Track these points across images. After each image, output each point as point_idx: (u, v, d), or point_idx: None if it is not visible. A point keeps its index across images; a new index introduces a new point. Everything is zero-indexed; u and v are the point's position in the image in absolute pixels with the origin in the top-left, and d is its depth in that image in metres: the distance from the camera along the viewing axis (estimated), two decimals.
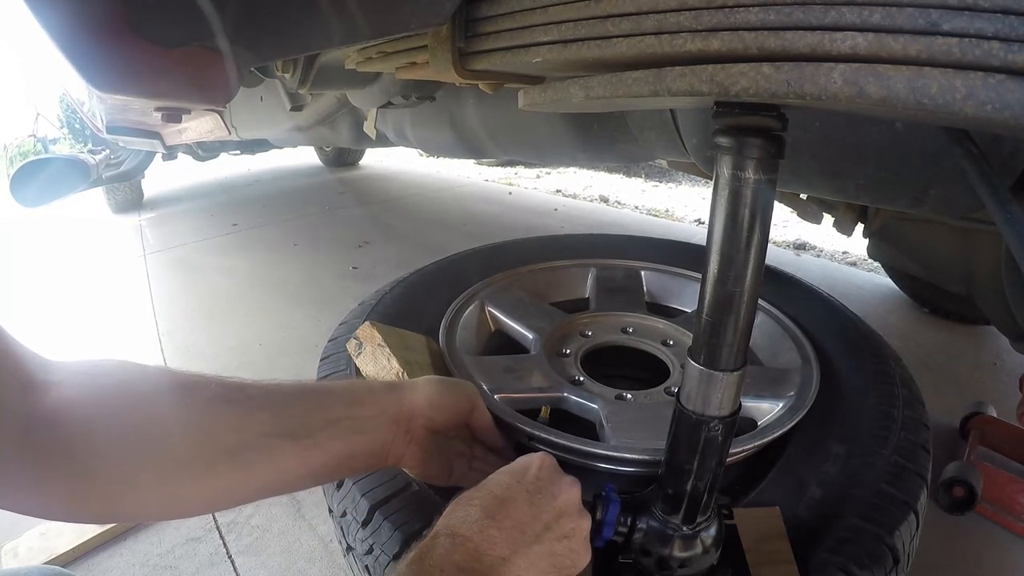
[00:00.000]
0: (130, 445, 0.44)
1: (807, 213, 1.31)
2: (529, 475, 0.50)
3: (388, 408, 0.57)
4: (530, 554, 0.46)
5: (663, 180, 3.91)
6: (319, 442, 0.52)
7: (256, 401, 0.51)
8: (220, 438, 0.48)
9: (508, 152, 1.40)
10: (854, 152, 0.68)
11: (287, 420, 0.51)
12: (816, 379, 0.79)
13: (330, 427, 0.53)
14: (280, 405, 0.52)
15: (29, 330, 1.92)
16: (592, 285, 1.14)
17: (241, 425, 0.49)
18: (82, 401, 0.44)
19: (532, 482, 0.50)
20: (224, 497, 0.50)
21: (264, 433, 0.49)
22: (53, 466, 0.41)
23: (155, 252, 2.72)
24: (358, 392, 0.58)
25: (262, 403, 0.51)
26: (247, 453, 0.48)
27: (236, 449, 0.48)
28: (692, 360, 0.48)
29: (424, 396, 0.59)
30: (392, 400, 0.58)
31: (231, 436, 0.48)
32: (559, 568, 0.48)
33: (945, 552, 0.96)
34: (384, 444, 0.57)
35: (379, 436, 0.56)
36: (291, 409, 0.52)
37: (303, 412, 0.53)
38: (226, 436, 0.48)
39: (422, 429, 0.59)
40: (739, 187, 0.41)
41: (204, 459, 0.47)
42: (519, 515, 0.47)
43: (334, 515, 0.68)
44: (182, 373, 0.50)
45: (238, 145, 3.09)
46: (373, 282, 1.85)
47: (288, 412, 0.52)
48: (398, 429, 0.57)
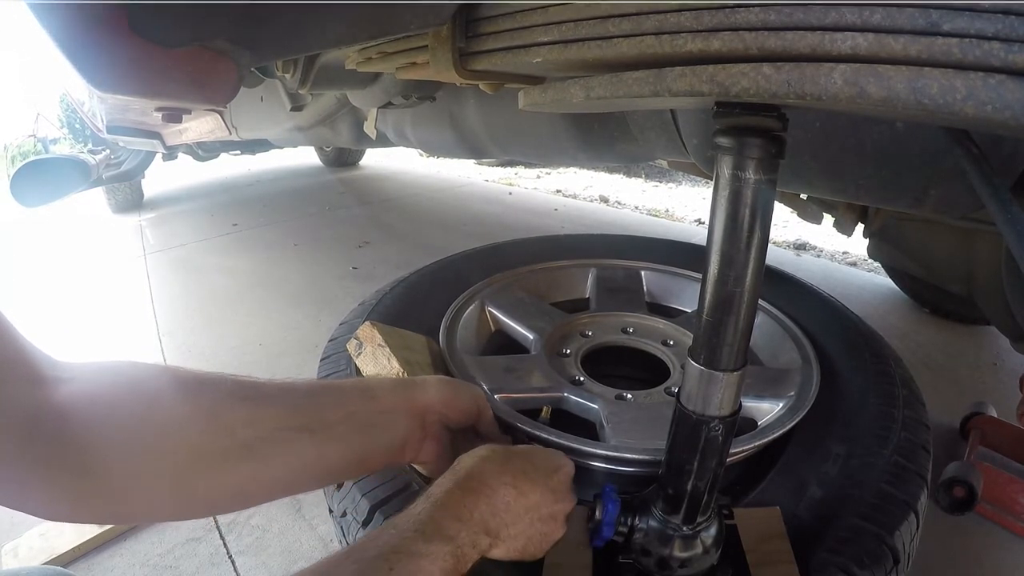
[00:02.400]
0: (141, 440, 0.43)
1: (807, 213, 1.31)
2: (555, 477, 0.55)
3: (402, 404, 0.57)
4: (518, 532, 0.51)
5: (663, 180, 3.91)
6: (337, 435, 0.52)
7: (271, 397, 0.51)
8: (235, 432, 0.47)
9: (508, 152, 1.40)
10: (854, 152, 0.68)
11: (303, 415, 0.51)
12: (816, 379, 0.79)
13: (347, 421, 0.53)
14: (295, 400, 0.52)
15: (31, 330, 1.92)
16: (592, 285, 1.14)
17: (256, 419, 0.49)
18: (92, 397, 0.43)
19: (555, 482, 0.55)
20: (240, 493, 0.49)
21: (280, 427, 0.49)
22: (61, 462, 0.40)
23: (155, 252, 2.72)
24: (372, 388, 0.58)
25: (277, 399, 0.51)
26: (263, 447, 0.48)
27: (252, 443, 0.48)
28: (692, 360, 0.48)
29: (437, 393, 0.60)
30: (406, 396, 0.58)
31: (246, 430, 0.48)
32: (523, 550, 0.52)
33: (945, 552, 0.96)
34: (402, 438, 0.57)
35: (396, 430, 0.57)
36: (306, 404, 0.52)
37: (319, 407, 0.53)
38: (241, 430, 0.48)
39: (437, 424, 0.60)
40: (739, 187, 0.41)
41: (219, 453, 0.46)
42: (533, 500, 0.52)
43: (334, 515, 0.68)
44: (195, 371, 0.50)
45: (238, 145, 3.09)
46: (373, 282, 1.85)
47: (303, 407, 0.52)
48: (413, 424, 0.58)
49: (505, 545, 0.50)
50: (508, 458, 0.54)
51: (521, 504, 0.51)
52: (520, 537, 0.51)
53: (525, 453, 0.56)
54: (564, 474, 0.56)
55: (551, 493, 0.53)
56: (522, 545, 0.52)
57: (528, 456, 0.55)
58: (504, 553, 0.51)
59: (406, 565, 0.42)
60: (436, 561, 0.43)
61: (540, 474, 0.54)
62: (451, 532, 0.45)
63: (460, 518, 0.47)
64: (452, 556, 0.44)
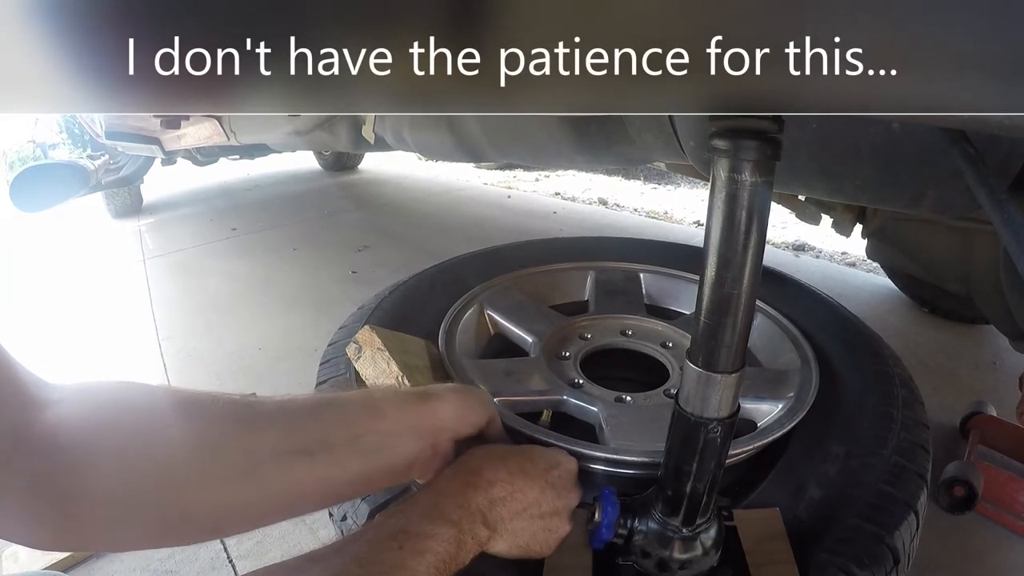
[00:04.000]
0: (130, 462, 0.41)
1: (805, 214, 1.31)
2: (554, 473, 0.55)
3: (412, 422, 0.53)
4: (518, 528, 0.52)
5: (662, 182, 3.91)
6: (338, 460, 0.49)
7: (267, 418, 0.48)
8: (229, 457, 0.45)
9: (506, 155, 1.40)
10: (852, 153, 0.68)
11: (302, 437, 0.48)
12: (815, 380, 0.79)
13: (350, 444, 0.50)
14: (295, 421, 0.49)
15: (28, 336, 1.92)
16: (591, 288, 1.14)
17: (252, 443, 0.46)
18: (80, 419, 0.41)
19: (555, 478, 0.55)
20: (233, 519, 0.47)
21: (277, 451, 0.46)
22: (45, 488, 0.38)
23: (154, 257, 2.72)
24: (379, 404, 0.53)
25: (274, 420, 0.48)
26: (260, 472, 0.46)
27: (248, 468, 0.45)
28: (691, 362, 0.48)
29: (452, 408, 0.56)
30: (417, 413, 0.54)
31: (241, 455, 0.45)
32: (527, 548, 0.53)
33: (945, 552, 0.96)
34: (407, 460, 0.53)
35: (402, 452, 0.53)
36: (306, 425, 0.49)
37: (320, 428, 0.49)
38: (236, 455, 0.45)
39: (448, 443, 0.56)
40: (736, 189, 0.41)
41: (213, 477, 0.44)
42: (531, 496, 0.52)
43: (334, 519, 0.68)
44: (187, 391, 0.48)
45: (237, 150, 3.09)
46: (372, 286, 1.84)
47: (303, 429, 0.49)
48: (423, 444, 0.54)
49: (505, 541, 0.51)
50: (506, 455, 0.54)
51: (518, 500, 0.51)
52: (521, 533, 0.51)
53: (524, 451, 0.56)
54: (564, 470, 0.56)
55: (551, 489, 0.53)
56: (525, 542, 0.52)
57: (526, 453, 0.56)
58: (506, 549, 0.51)
59: (414, 544, 0.44)
60: (441, 542, 0.45)
61: (538, 471, 0.54)
62: (454, 517, 0.47)
63: (461, 506, 0.49)
64: (455, 540, 0.46)
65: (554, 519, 0.54)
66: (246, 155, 3.31)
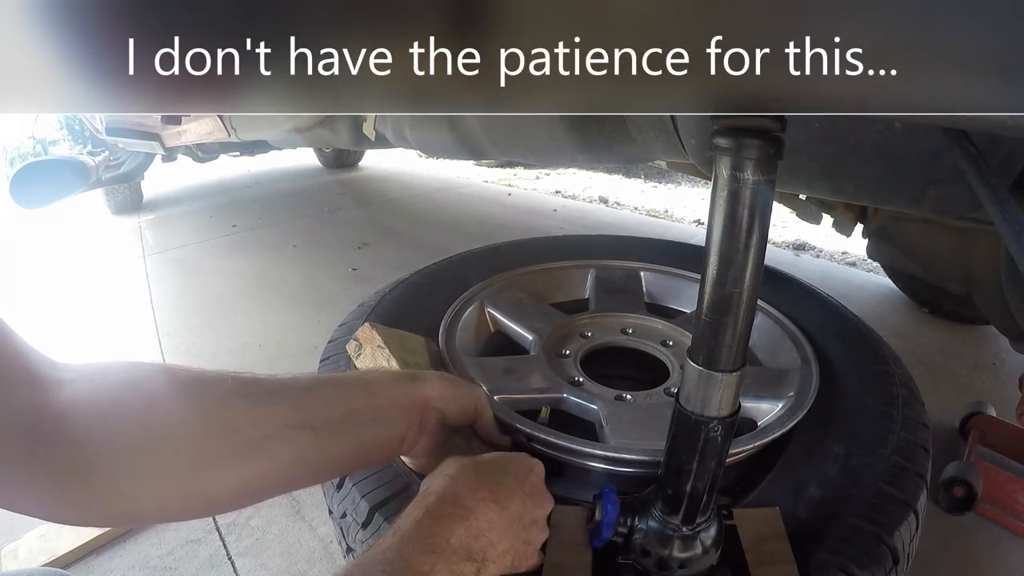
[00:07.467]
0: (144, 439, 0.43)
1: (806, 213, 1.31)
2: (529, 480, 0.54)
3: (401, 399, 0.58)
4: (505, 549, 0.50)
5: (662, 181, 3.91)
6: (338, 432, 0.53)
7: (273, 394, 0.51)
8: (241, 430, 0.47)
9: (507, 153, 1.40)
10: (853, 152, 0.68)
11: (305, 412, 0.51)
12: (815, 379, 0.79)
13: (348, 418, 0.53)
14: (297, 397, 0.52)
15: (30, 331, 1.92)
16: (592, 286, 1.14)
17: (260, 417, 0.49)
18: (93, 398, 0.43)
19: (530, 485, 0.54)
20: (243, 491, 0.49)
21: (284, 424, 0.49)
22: (62, 464, 0.40)
23: (155, 254, 2.72)
24: (372, 383, 0.58)
25: (280, 396, 0.51)
26: (270, 444, 0.48)
27: (259, 440, 0.48)
28: (691, 361, 0.48)
29: (435, 389, 0.60)
30: (405, 390, 0.58)
31: (252, 428, 0.48)
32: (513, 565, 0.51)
33: (945, 552, 0.96)
34: (400, 433, 0.58)
35: (395, 426, 0.57)
36: (308, 401, 0.52)
37: (320, 404, 0.53)
38: (247, 428, 0.47)
39: (433, 421, 0.60)
40: (738, 188, 0.41)
41: (228, 450, 0.46)
42: (515, 510, 0.51)
43: (334, 516, 0.68)
44: (195, 369, 0.50)
45: (237, 147, 3.08)
46: (373, 283, 1.85)
47: (305, 404, 0.52)
48: (412, 418, 0.58)
49: (494, 566, 0.48)
50: (479, 471, 0.52)
51: (505, 519, 0.49)
52: (508, 553, 0.50)
53: (494, 462, 0.55)
54: (536, 475, 0.55)
55: (529, 498, 0.53)
56: (511, 560, 0.50)
57: (498, 464, 0.54)
58: (495, 573, 0.49)
59: None
60: None
61: (515, 481, 0.52)
62: (423, 568, 0.42)
63: (434, 550, 0.43)
64: None
65: (533, 528, 0.53)
66: (246, 152, 3.31)
